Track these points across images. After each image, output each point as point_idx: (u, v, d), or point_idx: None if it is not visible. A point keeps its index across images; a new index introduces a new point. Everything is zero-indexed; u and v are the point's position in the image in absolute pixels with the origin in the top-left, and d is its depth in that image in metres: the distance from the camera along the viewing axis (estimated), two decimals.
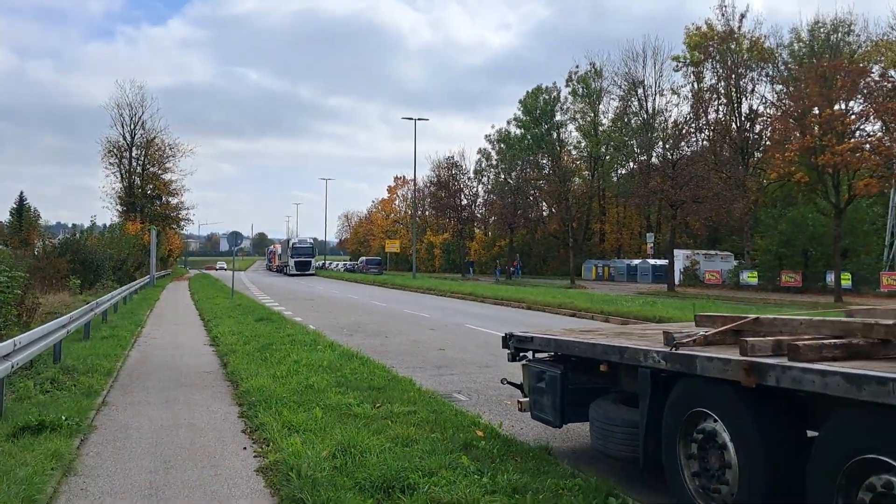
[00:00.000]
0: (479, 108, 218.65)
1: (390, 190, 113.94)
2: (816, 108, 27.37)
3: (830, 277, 34.89)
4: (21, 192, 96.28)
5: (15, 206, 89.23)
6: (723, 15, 43.10)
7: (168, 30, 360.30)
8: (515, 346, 7.26)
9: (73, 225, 33.67)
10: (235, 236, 29.04)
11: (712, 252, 46.85)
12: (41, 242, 35.88)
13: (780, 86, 45.78)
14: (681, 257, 45.22)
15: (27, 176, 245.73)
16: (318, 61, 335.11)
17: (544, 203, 64.35)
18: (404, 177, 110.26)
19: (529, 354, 7.16)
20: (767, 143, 44.12)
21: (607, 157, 71.18)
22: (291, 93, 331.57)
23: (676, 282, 40.50)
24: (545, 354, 6.91)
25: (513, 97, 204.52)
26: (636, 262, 58.54)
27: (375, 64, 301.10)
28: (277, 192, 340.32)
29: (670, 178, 36.31)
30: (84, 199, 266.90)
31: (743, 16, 42.95)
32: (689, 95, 53.45)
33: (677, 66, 56.97)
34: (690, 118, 41.18)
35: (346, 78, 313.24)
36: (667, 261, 49.90)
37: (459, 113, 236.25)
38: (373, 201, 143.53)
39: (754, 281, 39.50)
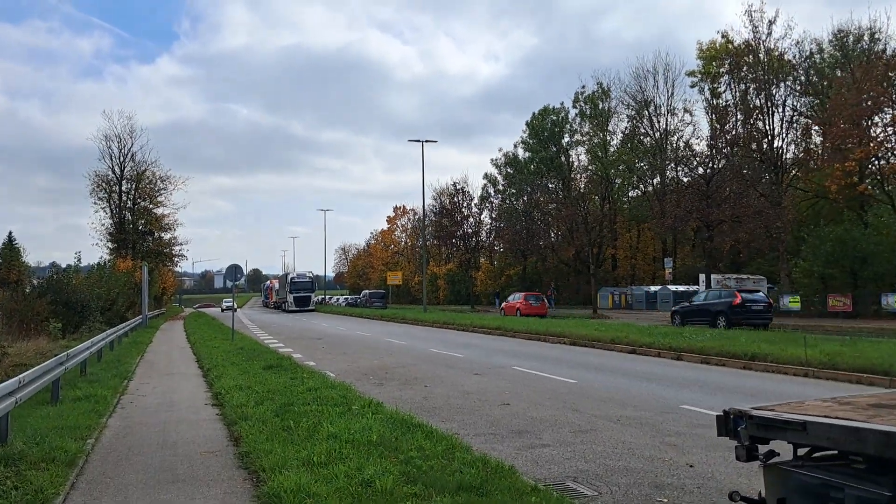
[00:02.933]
0: (473, 138, 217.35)
1: (390, 220, 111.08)
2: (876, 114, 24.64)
3: (887, 300, 32.02)
4: (10, 232, 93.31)
5: (3, 245, 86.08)
6: (750, 21, 40.66)
7: (157, 67, 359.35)
8: (753, 432, 4.17)
9: (54, 264, 30.46)
10: (235, 270, 25.99)
11: (743, 276, 43.88)
12: (22, 282, 32.71)
13: (806, 98, 43.38)
14: (712, 282, 42.31)
15: (20, 216, 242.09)
16: (309, 96, 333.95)
17: (555, 229, 61.37)
18: (404, 206, 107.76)
19: (772, 444, 4.12)
20: (802, 155, 41.55)
21: (618, 180, 68.54)
22: (283, 127, 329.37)
23: None
24: (805, 447, 3.92)
25: (507, 126, 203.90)
26: (655, 288, 55.59)
27: (367, 97, 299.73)
28: (271, 228, 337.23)
29: (706, 196, 33.53)
30: (76, 239, 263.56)
31: (772, 22, 40.48)
32: (708, 110, 50.91)
33: (693, 82, 54.57)
34: (719, 132, 38.44)
35: (338, 111, 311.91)
36: (690, 287, 47.14)
37: (453, 143, 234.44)
38: (371, 233, 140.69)
39: (797, 306, 36.48)
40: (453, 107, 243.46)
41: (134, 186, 58.40)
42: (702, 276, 42.12)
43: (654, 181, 65.26)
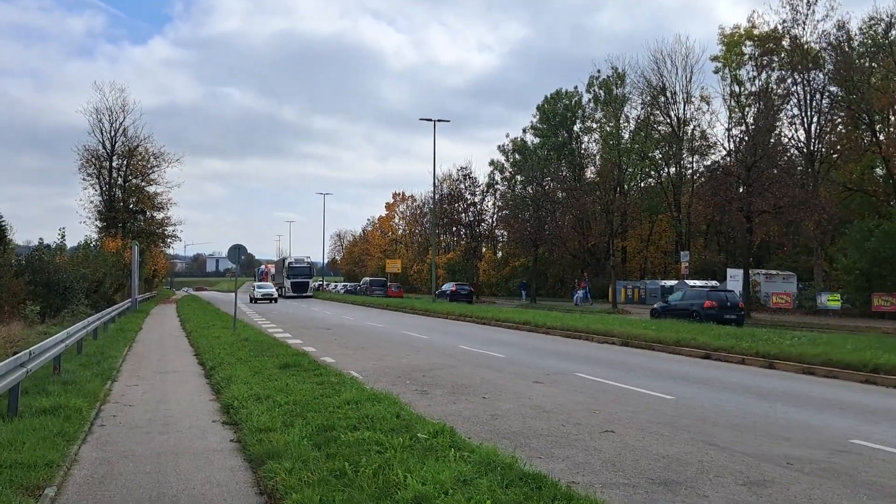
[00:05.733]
0: (464, 129, 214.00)
1: (388, 207, 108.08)
2: None
3: None
4: None
5: None
6: (789, 3, 37.92)
7: (149, 49, 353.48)
8: None
9: (41, 241, 27.56)
10: (237, 250, 23.08)
11: (773, 272, 41.35)
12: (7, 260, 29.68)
13: (835, 87, 40.73)
14: (737, 278, 39.72)
15: (6, 196, 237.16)
16: (301, 82, 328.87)
17: (569, 217, 58.60)
18: (403, 193, 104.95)
19: None
20: (840, 146, 39.01)
21: (629, 169, 65.79)
22: (275, 113, 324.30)
23: None
24: None
25: (497, 118, 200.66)
26: (671, 282, 52.95)
27: (359, 84, 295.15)
28: (262, 213, 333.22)
29: (746, 184, 30.89)
30: (64, 221, 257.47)
31: (811, 3, 37.74)
32: (728, 97, 48.18)
33: (717, 67, 51.80)
34: (759, 115, 35.71)
35: (330, 98, 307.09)
36: (713, 281, 44.49)
37: (444, 134, 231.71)
38: (368, 219, 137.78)
39: (836, 305, 33.98)
40: (444, 97, 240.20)
41: (125, 163, 55.41)
42: (731, 272, 39.56)
43: (670, 170, 62.66)
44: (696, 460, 7.17)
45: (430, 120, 49.83)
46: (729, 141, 46.43)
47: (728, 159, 36.74)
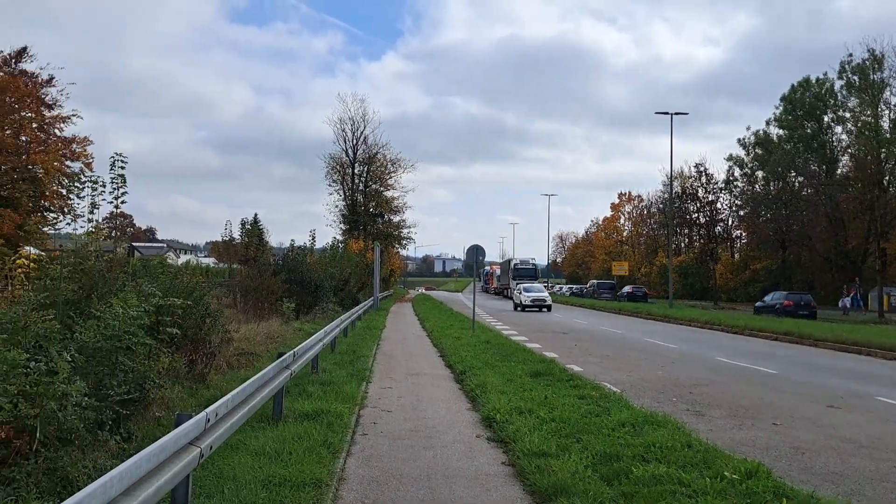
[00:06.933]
0: (689, 126, 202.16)
1: (614, 207, 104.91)
2: None
3: None
4: (255, 214, 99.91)
5: (248, 226, 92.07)
6: None
7: (383, 64, 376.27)
8: None
9: (293, 242, 29.39)
10: (476, 251, 22.85)
11: None
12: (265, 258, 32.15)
13: None
14: None
15: (263, 203, 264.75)
16: (522, 86, 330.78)
17: (821, 217, 52.60)
18: (629, 193, 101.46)
19: None
20: None
21: (891, 162, 57.59)
22: (497, 118, 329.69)
23: None
24: None
25: (725, 113, 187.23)
26: None
27: (579, 86, 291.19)
28: (484, 216, 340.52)
29: None
30: (310, 225, 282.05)
31: None
32: None
33: None
34: None
35: (550, 101, 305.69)
36: None
37: (667, 131, 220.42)
38: (591, 221, 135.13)
39: None
40: (667, 94, 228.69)
41: (366, 169, 58.79)
42: None
43: None
44: None
45: (667, 113, 47.19)
46: None
47: None
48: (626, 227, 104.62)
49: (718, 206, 67.51)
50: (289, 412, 8.47)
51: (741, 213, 65.83)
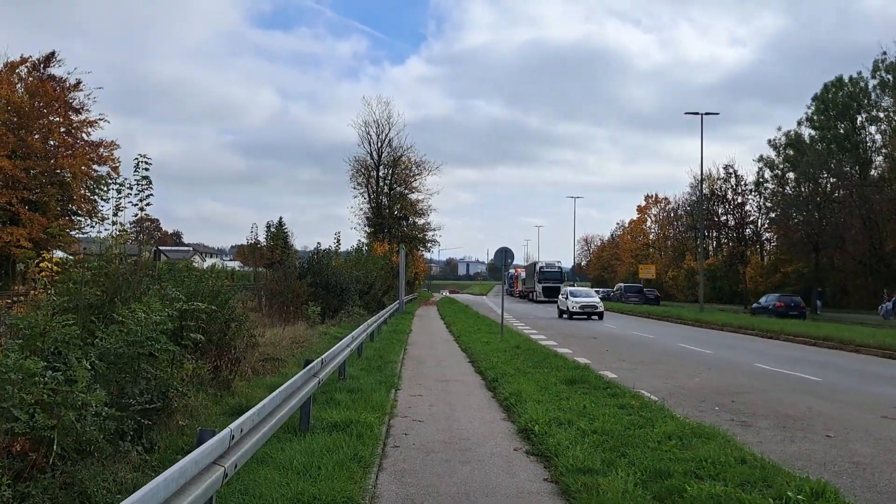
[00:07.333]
0: (717, 127, 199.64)
1: (640, 210, 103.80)
2: None
3: None
4: (280, 217, 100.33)
5: (274, 229, 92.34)
6: None
7: (406, 68, 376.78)
8: None
9: (318, 245, 29.13)
10: (504, 253, 22.43)
11: None
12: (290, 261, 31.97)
13: None
14: None
15: (288, 206, 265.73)
16: (546, 89, 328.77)
17: (850, 220, 51.48)
18: (656, 195, 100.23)
19: None
20: None
21: None
22: (521, 121, 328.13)
23: None
24: None
25: (753, 114, 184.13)
26: None
27: (604, 88, 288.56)
28: (508, 219, 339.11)
29: None
30: (335, 227, 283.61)
31: None
32: None
33: None
34: None
35: (574, 104, 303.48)
36: None
37: (696, 132, 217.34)
38: (617, 223, 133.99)
39: None
40: (693, 95, 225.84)
41: (391, 172, 58.58)
42: None
43: None
44: None
45: (697, 113, 46.36)
46: None
47: None
48: (652, 230, 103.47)
49: (747, 208, 66.53)
50: (316, 422, 8.12)
51: (771, 214, 64.68)
